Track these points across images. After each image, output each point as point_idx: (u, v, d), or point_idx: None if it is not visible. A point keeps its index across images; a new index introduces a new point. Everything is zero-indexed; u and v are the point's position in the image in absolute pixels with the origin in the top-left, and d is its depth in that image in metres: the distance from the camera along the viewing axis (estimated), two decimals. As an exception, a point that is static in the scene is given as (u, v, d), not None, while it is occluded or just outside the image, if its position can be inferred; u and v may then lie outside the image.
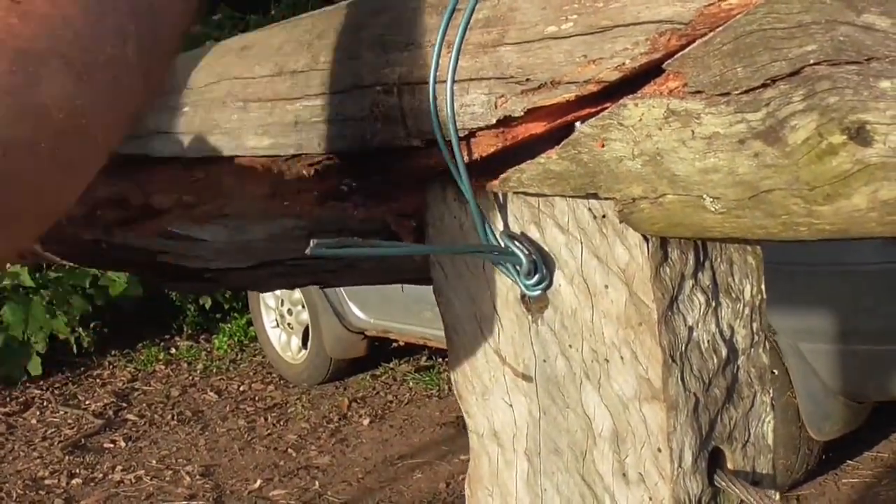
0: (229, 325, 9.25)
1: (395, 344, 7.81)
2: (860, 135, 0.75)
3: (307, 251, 0.90)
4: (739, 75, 0.80)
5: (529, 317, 1.07)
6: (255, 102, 1.21)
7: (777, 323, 4.76)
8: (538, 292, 1.04)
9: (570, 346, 1.05)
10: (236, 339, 9.06)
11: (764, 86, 0.79)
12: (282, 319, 7.93)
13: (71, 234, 1.53)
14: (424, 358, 8.04)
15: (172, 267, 1.45)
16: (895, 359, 4.65)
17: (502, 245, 1.03)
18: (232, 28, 11.22)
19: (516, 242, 1.03)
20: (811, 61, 0.76)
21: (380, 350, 7.88)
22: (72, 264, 1.72)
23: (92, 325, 8.72)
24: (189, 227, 1.34)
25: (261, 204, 1.24)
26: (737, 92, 0.81)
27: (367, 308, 7.02)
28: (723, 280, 1.04)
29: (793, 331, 4.80)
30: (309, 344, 7.75)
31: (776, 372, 4.82)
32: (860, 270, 4.52)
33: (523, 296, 1.07)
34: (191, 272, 1.46)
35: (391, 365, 8.10)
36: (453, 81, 0.99)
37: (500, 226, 1.05)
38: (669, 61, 0.85)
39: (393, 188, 1.12)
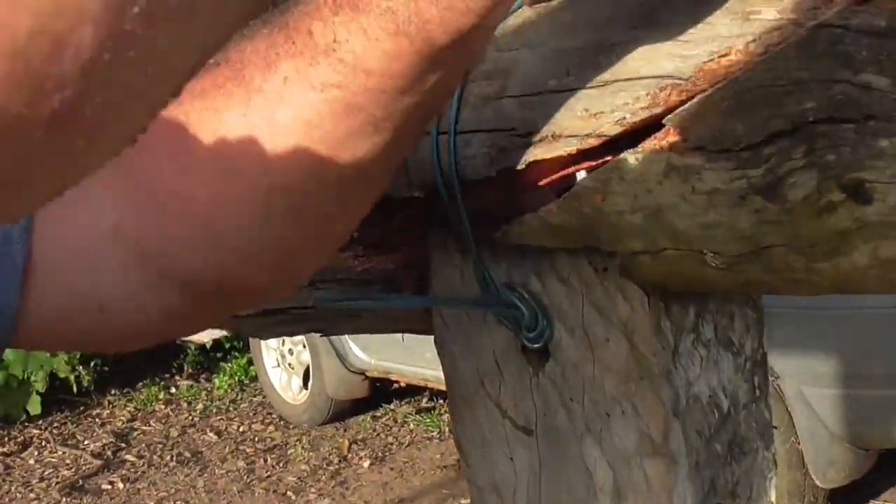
0: (230, 365, 9.25)
1: (395, 385, 7.80)
2: (859, 193, 0.75)
3: (310, 302, 0.90)
4: (739, 131, 0.81)
5: (530, 369, 1.07)
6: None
7: (781, 367, 4.75)
8: (539, 344, 1.04)
9: (572, 399, 1.05)
10: (237, 378, 9.05)
11: (764, 142, 0.80)
12: (283, 359, 7.93)
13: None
14: (425, 399, 8.03)
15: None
16: (899, 404, 4.64)
17: (503, 297, 1.03)
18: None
19: (518, 295, 1.03)
20: (810, 119, 0.77)
21: (381, 391, 7.87)
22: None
23: (92, 363, 8.72)
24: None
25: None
26: (737, 148, 0.81)
27: (369, 349, 7.02)
28: (724, 334, 1.04)
29: (797, 375, 4.79)
30: (310, 384, 7.75)
31: (779, 427, 4.80)
32: (865, 314, 4.52)
33: (524, 348, 1.07)
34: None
35: (392, 406, 8.09)
36: (455, 133, 0.99)
37: (501, 277, 1.05)
38: (670, 116, 0.85)
39: (394, 238, 1.12)
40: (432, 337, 1.17)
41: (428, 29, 0.79)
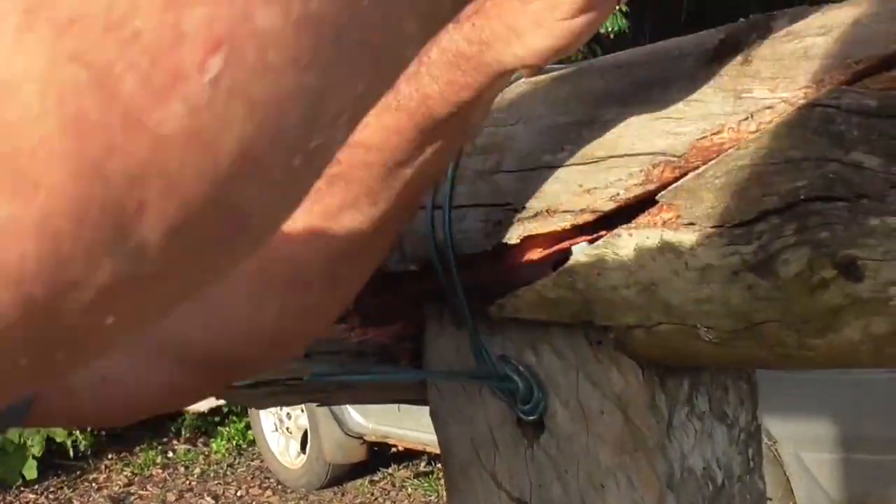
0: (227, 429, 9.20)
1: (394, 449, 7.76)
2: (851, 270, 0.76)
3: (305, 378, 0.90)
4: (732, 209, 0.81)
5: (525, 441, 1.07)
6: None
7: (778, 432, 4.74)
8: (534, 417, 1.04)
9: (566, 471, 1.04)
10: (234, 442, 9.00)
11: (756, 219, 0.80)
12: (280, 423, 7.90)
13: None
14: (423, 463, 7.99)
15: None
16: (897, 469, 4.62)
17: (499, 370, 1.04)
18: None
19: (513, 367, 1.04)
20: (802, 197, 0.77)
21: (379, 455, 7.83)
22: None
23: (89, 428, 8.68)
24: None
25: (258, 323, 1.24)
26: (729, 225, 0.82)
27: (366, 413, 6.99)
28: (718, 406, 1.04)
29: (794, 439, 4.77)
30: (307, 448, 7.71)
31: (777, 492, 4.78)
32: (863, 379, 4.51)
33: (519, 420, 1.07)
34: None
35: (390, 470, 8.04)
36: (451, 208, 1.00)
37: (496, 349, 1.06)
38: (663, 193, 0.86)
39: (390, 311, 1.13)
40: (429, 402, 1.17)
41: (428, 104, 0.81)
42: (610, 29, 9.93)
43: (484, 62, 0.79)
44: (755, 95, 0.82)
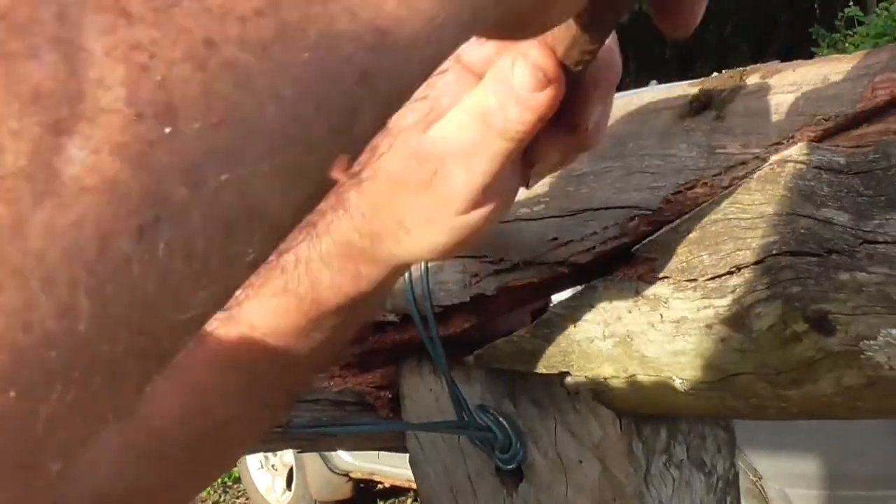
0: (213, 466, 9.15)
1: (380, 486, 7.73)
2: (823, 324, 0.77)
3: (283, 431, 0.91)
4: (705, 262, 0.82)
5: (504, 490, 1.08)
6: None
7: (764, 468, 4.74)
8: (513, 466, 1.05)
9: (546, 519, 1.05)
10: (220, 480, 8.96)
11: (729, 273, 0.81)
12: (266, 460, 7.86)
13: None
14: (409, 500, 7.96)
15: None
16: (883, 504, 4.62)
17: (477, 420, 1.04)
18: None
19: (491, 417, 1.04)
20: (774, 251, 0.78)
21: (365, 492, 7.80)
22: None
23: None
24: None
25: (239, 371, 1.24)
26: (703, 278, 0.83)
27: (353, 450, 6.97)
28: (696, 454, 1.05)
29: (780, 476, 4.78)
30: (293, 485, 7.68)
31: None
32: (846, 414, 4.51)
33: (498, 468, 1.07)
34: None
35: (376, 507, 8.01)
36: (428, 261, 1.01)
37: (475, 399, 1.06)
38: (638, 246, 0.87)
39: (369, 360, 1.13)
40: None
41: (318, 290, 0.77)
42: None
43: (376, 256, 0.75)
44: (728, 151, 0.83)
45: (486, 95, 0.66)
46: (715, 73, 0.91)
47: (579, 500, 1.02)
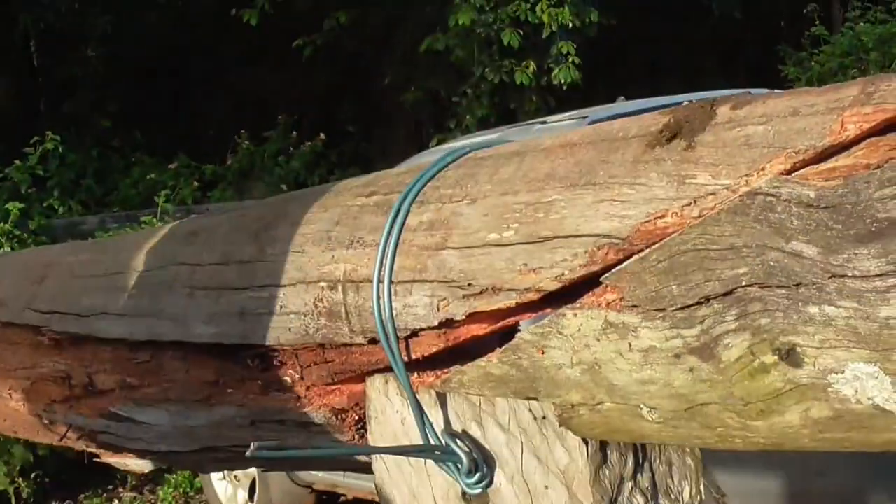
0: (175, 477, 9.09)
1: (342, 498, 7.71)
2: (790, 356, 0.77)
3: (247, 454, 0.90)
4: (675, 292, 0.82)
5: (470, 514, 1.07)
6: (201, 290, 1.22)
7: (728, 486, 4.75)
8: (479, 490, 1.04)
9: (511, 544, 1.04)
10: (182, 490, 8.90)
11: (698, 304, 0.81)
12: (228, 471, 7.83)
13: (13, 409, 1.52)
14: (372, 512, 7.94)
15: (115, 446, 1.44)
16: (845, 521, 4.64)
17: (443, 443, 1.04)
18: (188, 176, 11.28)
19: (457, 441, 1.03)
20: (743, 283, 0.78)
21: (327, 504, 7.77)
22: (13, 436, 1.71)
23: (33, 475, 8.55)
24: (131, 410, 1.34)
25: (205, 390, 1.24)
26: (672, 308, 0.83)
27: (316, 461, 6.94)
28: (662, 481, 1.05)
29: (744, 494, 4.79)
30: (255, 497, 7.64)
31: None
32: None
33: (464, 493, 1.07)
34: (132, 451, 1.45)
35: (339, 519, 7.98)
36: (391, 282, 1.01)
37: (441, 423, 1.06)
38: (607, 275, 0.87)
39: (335, 381, 1.13)
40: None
41: None
42: (563, 81, 10.00)
43: None
44: (698, 181, 0.83)
45: None
46: (685, 100, 0.91)
47: (545, 526, 1.01)
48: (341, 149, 11.91)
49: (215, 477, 7.82)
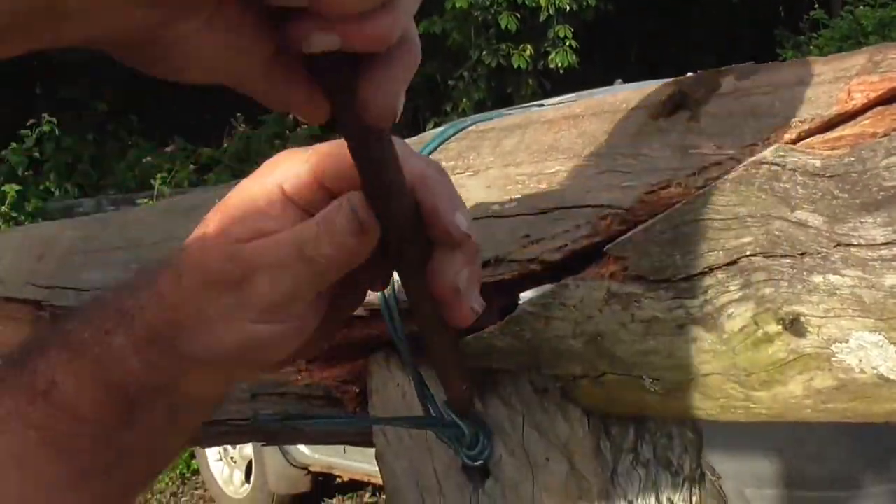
0: (171, 458, 9.10)
1: (338, 480, 7.72)
2: (794, 326, 0.77)
3: (251, 422, 0.90)
4: (678, 262, 0.82)
5: (471, 486, 1.07)
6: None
7: (722, 467, 4.76)
8: (479, 463, 1.04)
9: (512, 516, 1.04)
10: (178, 471, 8.92)
11: (702, 274, 0.81)
12: (225, 453, 7.83)
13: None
14: (368, 495, 7.95)
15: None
16: (840, 505, 4.66)
17: (444, 417, 1.04)
18: (185, 160, 11.27)
19: (458, 414, 1.03)
20: (747, 253, 0.78)
21: (323, 486, 7.79)
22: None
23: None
24: (131, 384, 1.33)
25: (204, 364, 1.23)
26: (675, 279, 0.82)
27: (311, 444, 6.95)
28: (662, 454, 1.05)
29: (738, 476, 4.80)
30: (252, 478, 7.65)
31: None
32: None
33: (465, 465, 1.07)
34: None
35: (334, 501, 8.00)
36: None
37: (443, 395, 1.05)
38: (610, 245, 0.86)
39: (336, 355, 1.13)
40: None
41: (126, 375, 0.78)
42: (560, 64, 9.99)
43: (176, 349, 0.78)
44: (703, 151, 0.83)
45: (309, 227, 0.75)
46: (689, 74, 0.91)
47: (546, 499, 1.01)
48: (337, 135, 11.93)
49: (212, 458, 7.84)
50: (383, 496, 7.70)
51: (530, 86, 10.88)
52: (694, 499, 1.08)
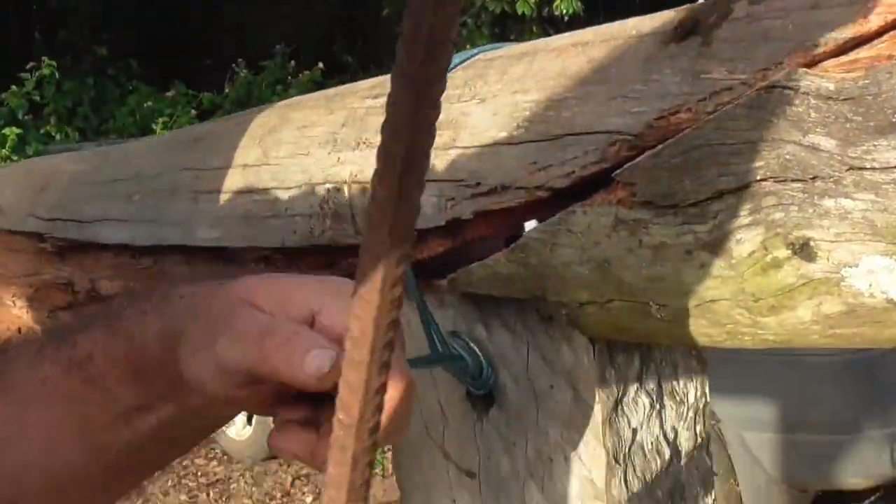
0: (172, 401, 9.14)
1: (339, 424, 7.75)
2: (804, 250, 0.76)
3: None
4: (687, 188, 0.82)
5: (475, 414, 1.07)
6: (205, 194, 1.21)
7: (721, 412, 4.78)
8: (484, 391, 1.05)
9: (515, 444, 1.05)
10: (179, 414, 8.96)
11: (711, 199, 0.81)
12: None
13: (15, 316, 1.52)
14: (368, 438, 7.98)
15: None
16: (839, 449, 4.67)
17: (449, 347, 1.03)
18: (185, 105, 11.23)
19: (463, 343, 1.03)
20: (758, 177, 0.78)
21: (323, 430, 7.81)
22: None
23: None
24: (135, 315, 1.33)
25: (209, 294, 1.23)
26: (684, 204, 0.82)
27: (312, 386, 6.96)
28: (667, 383, 1.05)
29: (737, 420, 4.82)
30: (253, 420, 7.68)
31: (718, 470, 4.83)
32: (806, 361, 4.56)
33: (469, 393, 1.07)
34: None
35: (335, 445, 8.03)
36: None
37: (447, 324, 1.05)
38: (619, 171, 0.86)
39: (341, 284, 1.12)
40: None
41: (148, 367, 0.80)
42: (564, 12, 9.92)
43: (175, 357, 0.78)
44: (713, 76, 0.82)
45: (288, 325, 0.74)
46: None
47: (550, 426, 1.01)
48: (339, 79, 11.90)
49: (212, 400, 7.84)
50: (383, 440, 7.75)
51: (534, 33, 10.81)
52: (698, 428, 1.08)
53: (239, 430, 7.82)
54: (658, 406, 1.04)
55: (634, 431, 1.02)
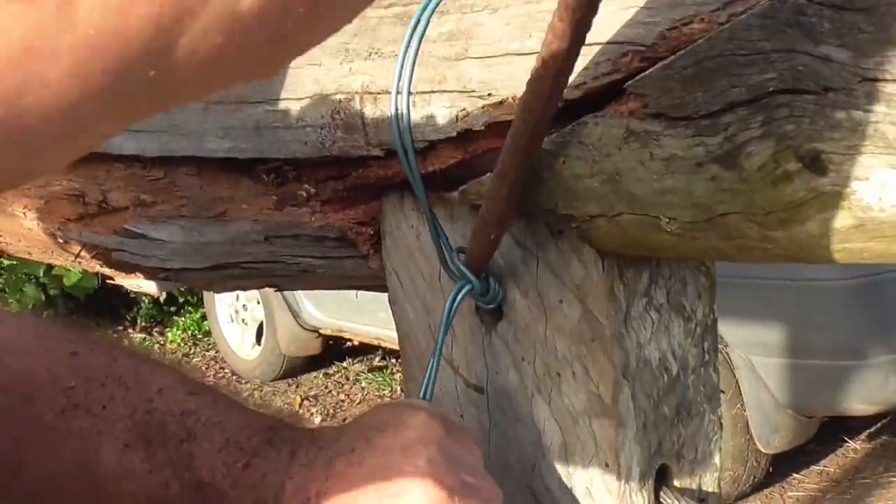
0: (183, 319, 9.20)
1: (349, 343, 7.80)
2: (815, 164, 0.76)
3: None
4: (699, 99, 0.81)
5: (483, 328, 1.08)
6: (216, 104, 1.21)
7: (729, 336, 4.80)
8: (493, 305, 1.05)
9: (523, 359, 1.05)
10: (190, 332, 9.01)
11: (723, 111, 0.80)
12: (236, 315, 7.90)
13: (27, 229, 1.52)
14: (378, 358, 8.03)
15: (128, 264, 1.45)
16: (845, 374, 4.70)
17: (454, 270, 1.03)
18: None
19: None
20: (770, 89, 0.77)
21: (333, 349, 7.87)
22: (26, 257, 1.71)
23: (45, 314, 8.63)
24: (145, 226, 1.33)
25: (219, 206, 1.23)
26: (696, 116, 0.82)
27: (322, 306, 7.00)
28: (675, 299, 1.05)
29: (745, 344, 4.84)
30: (263, 340, 7.73)
31: (726, 394, 4.86)
32: (814, 286, 4.57)
33: (478, 307, 1.07)
34: (146, 270, 1.45)
35: (344, 364, 8.09)
36: (409, 93, 0.99)
37: (457, 238, 1.05)
38: (631, 82, 0.85)
39: (351, 196, 1.12)
40: (386, 296, 1.17)
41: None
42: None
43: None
44: (727, -14, 0.81)
45: None
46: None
47: (558, 340, 1.02)
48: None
49: (223, 320, 7.91)
50: (393, 360, 7.77)
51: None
52: (706, 344, 1.09)
53: (248, 349, 7.88)
54: (666, 322, 1.05)
55: (642, 347, 1.02)
